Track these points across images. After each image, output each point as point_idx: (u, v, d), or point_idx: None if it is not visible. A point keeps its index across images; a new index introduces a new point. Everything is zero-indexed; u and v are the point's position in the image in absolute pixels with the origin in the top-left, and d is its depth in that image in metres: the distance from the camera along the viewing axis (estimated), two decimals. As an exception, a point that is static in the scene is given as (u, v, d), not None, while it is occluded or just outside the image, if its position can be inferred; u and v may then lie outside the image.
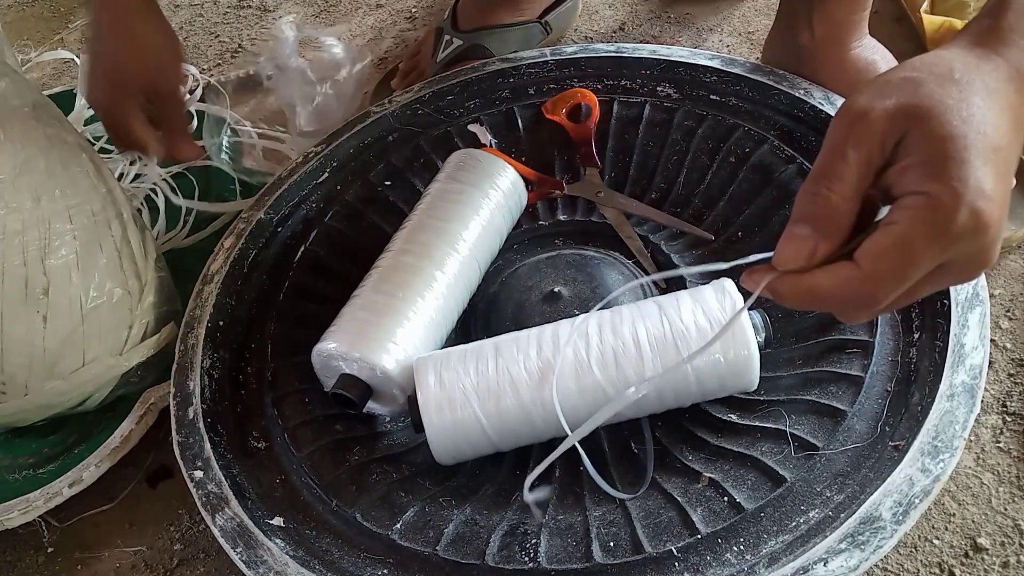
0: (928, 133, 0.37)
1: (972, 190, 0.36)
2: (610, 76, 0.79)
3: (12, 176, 0.61)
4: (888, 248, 0.37)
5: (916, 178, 0.37)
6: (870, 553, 0.48)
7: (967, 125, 0.37)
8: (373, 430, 0.63)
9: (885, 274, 0.37)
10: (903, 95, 0.38)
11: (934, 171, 0.36)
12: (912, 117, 0.37)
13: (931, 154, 0.37)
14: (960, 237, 0.36)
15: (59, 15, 1.22)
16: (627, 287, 0.65)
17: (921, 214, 0.36)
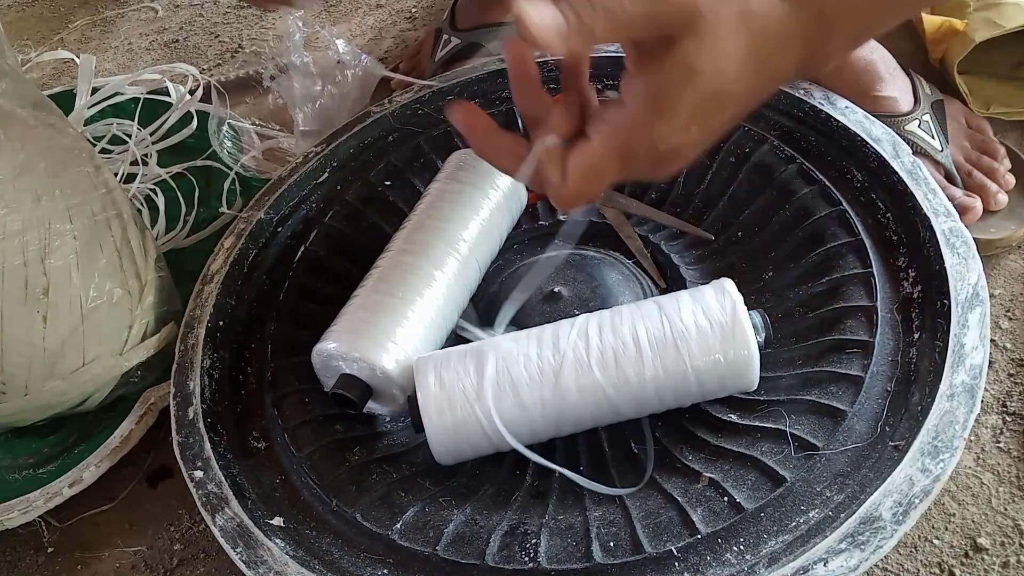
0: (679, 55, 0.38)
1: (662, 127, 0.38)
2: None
3: (12, 176, 0.61)
4: (582, 167, 0.41)
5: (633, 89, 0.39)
6: (870, 553, 0.48)
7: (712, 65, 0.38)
8: (373, 430, 0.63)
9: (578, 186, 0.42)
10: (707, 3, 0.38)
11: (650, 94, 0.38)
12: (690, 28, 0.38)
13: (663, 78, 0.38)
14: (640, 159, 0.40)
15: (59, 15, 1.22)
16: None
17: (610, 134, 0.39)
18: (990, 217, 0.71)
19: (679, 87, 0.38)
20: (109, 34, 1.17)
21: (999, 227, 0.71)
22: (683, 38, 0.38)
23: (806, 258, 0.65)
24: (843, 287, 0.62)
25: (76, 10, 1.22)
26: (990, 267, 0.71)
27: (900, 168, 0.65)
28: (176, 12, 1.17)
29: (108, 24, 1.19)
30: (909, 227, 0.63)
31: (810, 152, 0.70)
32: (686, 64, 0.38)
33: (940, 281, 0.59)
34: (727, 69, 0.39)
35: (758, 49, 0.39)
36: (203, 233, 0.84)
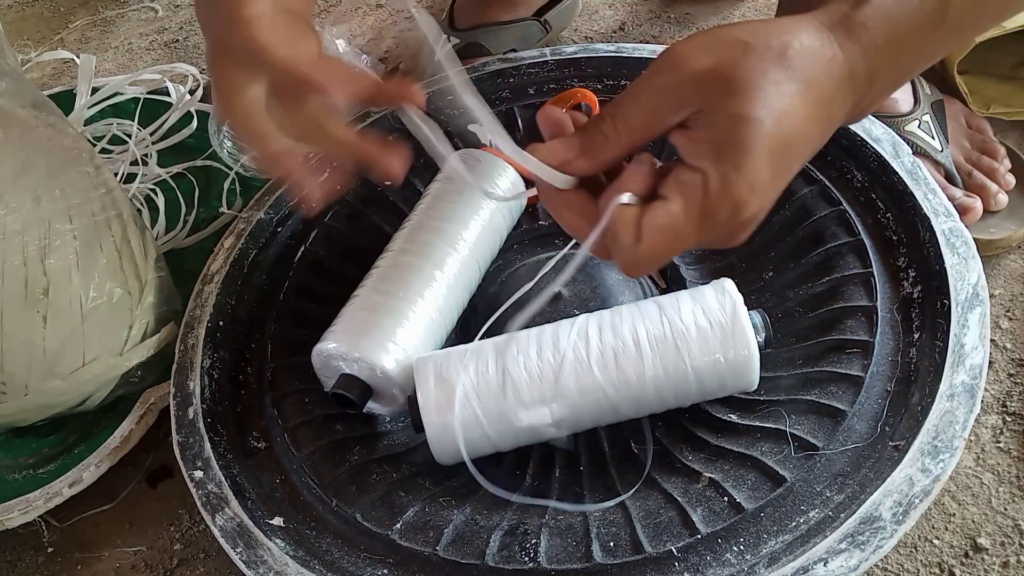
0: (729, 111, 0.37)
1: (743, 183, 0.37)
2: (610, 76, 0.79)
3: (12, 176, 0.61)
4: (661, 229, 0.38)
5: (701, 152, 0.37)
6: (870, 553, 0.48)
7: (770, 112, 0.36)
8: (373, 430, 0.63)
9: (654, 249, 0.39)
10: (724, 59, 0.37)
11: (718, 152, 0.37)
12: (721, 87, 0.37)
13: (723, 133, 0.37)
14: (720, 224, 0.38)
15: (59, 15, 1.22)
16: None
17: (691, 195, 0.37)
18: (990, 217, 0.71)
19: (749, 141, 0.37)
20: (109, 34, 1.17)
21: (999, 227, 0.71)
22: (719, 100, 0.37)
23: (806, 258, 0.65)
24: (843, 287, 0.62)
25: (76, 10, 1.22)
26: (990, 267, 0.71)
27: (900, 168, 0.65)
28: (176, 12, 1.17)
29: (108, 24, 1.19)
30: (909, 227, 0.63)
31: (810, 152, 0.70)
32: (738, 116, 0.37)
33: (940, 281, 0.59)
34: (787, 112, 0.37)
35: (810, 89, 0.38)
36: (203, 233, 0.84)
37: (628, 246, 0.39)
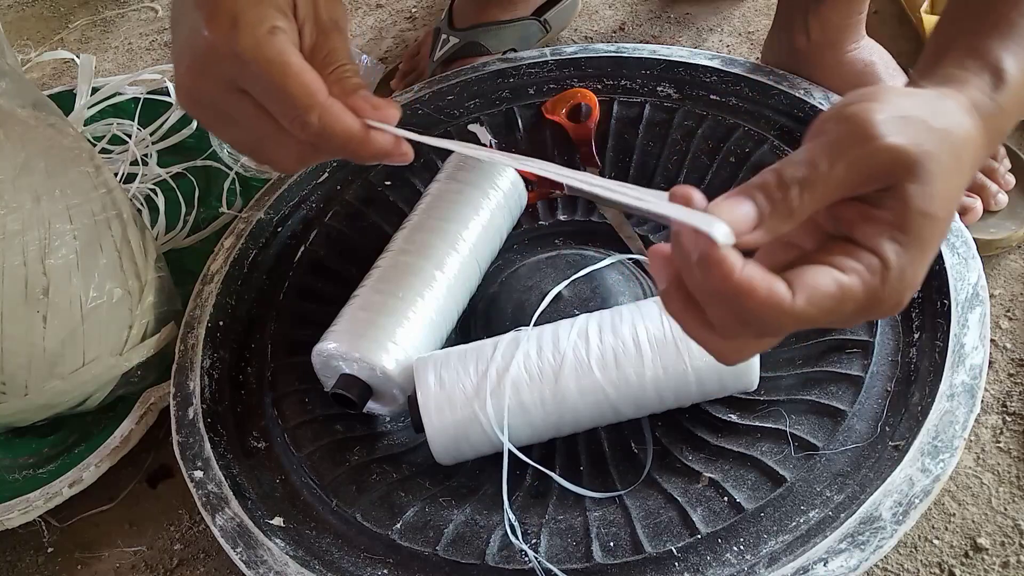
0: (914, 201, 0.35)
1: (912, 280, 0.36)
2: (610, 76, 0.79)
3: (12, 176, 0.61)
4: (828, 295, 0.35)
5: (883, 238, 0.36)
6: (870, 553, 0.48)
7: (945, 206, 0.36)
8: (373, 430, 0.63)
9: (813, 312, 0.35)
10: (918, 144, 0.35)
11: (902, 244, 0.36)
12: (912, 174, 0.35)
13: (908, 225, 0.35)
14: (882, 312, 0.37)
15: (59, 15, 1.22)
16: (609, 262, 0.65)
17: (870, 280, 0.35)
18: (990, 217, 0.71)
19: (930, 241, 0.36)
20: (109, 34, 1.17)
21: (999, 227, 0.71)
22: (905, 183, 0.35)
23: (806, 258, 0.65)
24: (843, 287, 0.62)
25: (76, 10, 1.22)
26: (990, 267, 0.71)
27: (900, 168, 0.65)
28: (176, 12, 1.17)
29: (108, 24, 1.19)
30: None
31: (810, 152, 0.70)
32: (923, 212, 0.35)
33: (940, 281, 0.59)
34: (952, 202, 0.37)
35: (966, 175, 0.38)
36: (203, 233, 0.84)
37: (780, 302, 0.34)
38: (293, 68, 0.43)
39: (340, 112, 0.44)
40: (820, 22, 0.75)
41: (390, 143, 0.47)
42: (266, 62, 0.42)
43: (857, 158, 0.35)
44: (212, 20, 0.43)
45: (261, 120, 0.44)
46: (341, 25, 0.47)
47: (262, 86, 0.43)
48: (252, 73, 0.43)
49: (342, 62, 0.46)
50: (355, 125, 0.45)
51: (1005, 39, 0.40)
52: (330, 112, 0.44)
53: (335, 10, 0.46)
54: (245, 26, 0.42)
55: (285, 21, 0.44)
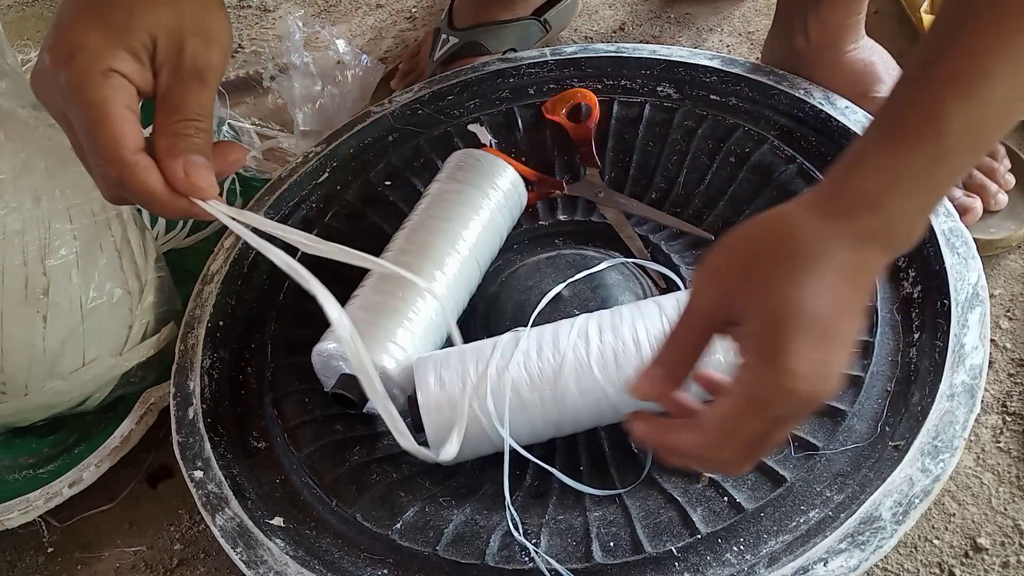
0: (758, 311, 0.40)
1: (782, 371, 0.39)
2: (610, 76, 0.79)
3: (12, 176, 0.61)
4: (719, 417, 0.41)
5: (748, 348, 0.41)
6: (870, 553, 0.48)
7: (792, 304, 0.39)
8: (373, 430, 0.63)
9: (722, 437, 0.41)
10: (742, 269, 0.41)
11: (758, 348, 0.40)
12: (748, 293, 0.41)
13: (759, 331, 0.40)
14: (774, 407, 0.40)
15: (59, 15, 1.22)
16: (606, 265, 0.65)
17: (743, 389, 0.40)
18: (990, 217, 0.71)
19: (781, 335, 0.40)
20: (109, 34, 1.17)
21: (999, 227, 0.71)
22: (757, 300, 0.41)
23: (806, 258, 0.65)
24: (843, 287, 0.62)
25: (76, 10, 1.22)
26: (990, 267, 0.71)
27: (900, 168, 0.65)
28: (176, 12, 1.17)
29: (108, 24, 1.19)
30: (909, 227, 0.63)
31: (810, 152, 0.70)
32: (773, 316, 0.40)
33: (940, 281, 0.59)
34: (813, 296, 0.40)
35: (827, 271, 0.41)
36: (203, 233, 0.84)
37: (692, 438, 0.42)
38: (109, 117, 0.43)
39: (144, 171, 0.44)
40: (819, 23, 0.75)
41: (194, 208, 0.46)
42: (85, 104, 0.43)
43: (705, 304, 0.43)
44: (55, 49, 0.43)
45: (78, 150, 0.45)
46: (207, 77, 0.45)
47: (78, 124, 0.44)
48: (72, 109, 0.43)
49: (187, 116, 0.45)
50: (157, 186, 0.44)
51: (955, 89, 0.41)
52: (132, 170, 0.43)
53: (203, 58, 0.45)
54: (79, 63, 0.42)
55: (131, 63, 0.44)
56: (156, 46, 0.44)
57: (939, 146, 0.40)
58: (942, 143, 0.40)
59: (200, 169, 0.45)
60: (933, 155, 0.41)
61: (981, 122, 0.41)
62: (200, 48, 0.45)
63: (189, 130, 0.45)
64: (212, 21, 0.46)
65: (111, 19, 0.43)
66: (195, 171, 0.45)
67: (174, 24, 0.44)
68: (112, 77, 0.43)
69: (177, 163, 0.44)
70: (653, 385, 0.44)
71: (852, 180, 0.41)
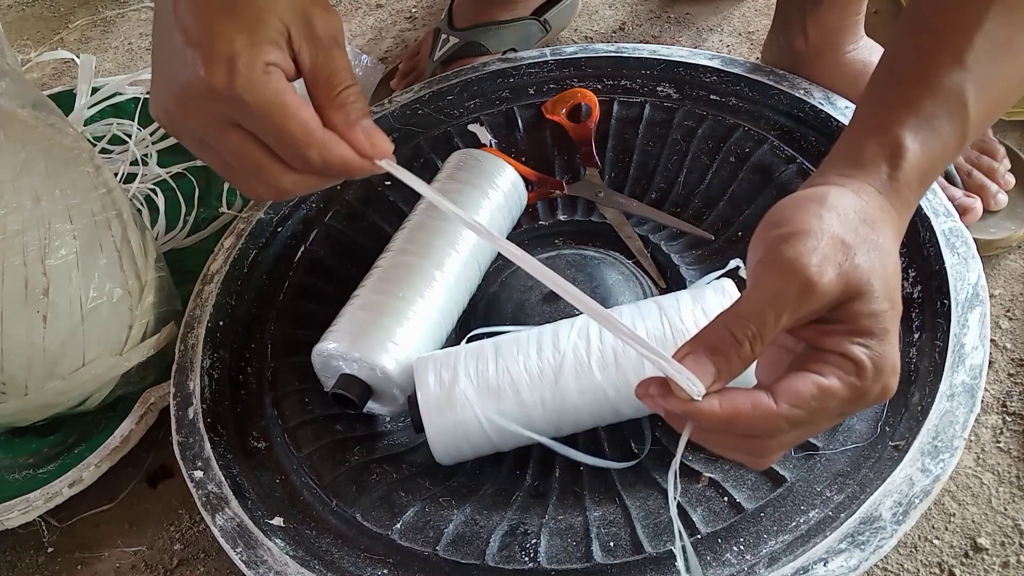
0: (861, 308, 0.40)
1: (889, 367, 0.40)
2: (610, 76, 0.79)
3: (12, 176, 0.61)
4: (810, 395, 0.39)
5: (848, 343, 0.40)
6: (870, 553, 0.48)
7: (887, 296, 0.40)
8: (373, 430, 0.63)
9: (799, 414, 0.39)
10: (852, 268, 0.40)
11: (865, 344, 0.40)
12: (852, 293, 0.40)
13: (862, 327, 0.40)
14: (869, 403, 0.40)
15: (59, 15, 1.22)
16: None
17: (847, 378, 0.39)
18: (990, 217, 0.71)
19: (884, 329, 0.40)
20: (109, 34, 1.17)
21: (999, 227, 0.71)
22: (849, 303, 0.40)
23: (806, 258, 0.65)
24: (843, 287, 0.62)
25: (76, 10, 1.22)
26: (990, 267, 0.71)
27: (900, 168, 0.65)
28: (176, 12, 1.17)
29: (108, 24, 1.19)
30: (909, 227, 0.63)
31: (810, 152, 0.70)
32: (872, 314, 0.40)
33: (940, 281, 0.59)
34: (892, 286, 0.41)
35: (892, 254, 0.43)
36: (203, 233, 0.84)
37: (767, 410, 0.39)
38: (291, 108, 0.44)
39: (337, 145, 0.46)
40: (818, 24, 0.75)
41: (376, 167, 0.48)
42: (266, 103, 0.44)
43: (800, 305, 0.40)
44: (209, 63, 0.43)
45: (254, 151, 0.46)
46: (339, 40, 0.47)
47: (261, 125, 0.44)
48: (251, 114, 0.44)
49: (345, 84, 0.47)
50: (351, 155, 0.47)
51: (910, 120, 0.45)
52: (329, 147, 0.45)
53: (331, 25, 0.47)
54: (242, 68, 0.43)
55: (279, 53, 0.45)
56: (290, 29, 0.45)
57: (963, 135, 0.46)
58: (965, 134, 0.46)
59: (376, 133, 0.48)
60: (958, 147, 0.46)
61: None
62: (324, 16, 0.46)
63: (352, 98, 0.47)
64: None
65: (244, 18, 0.44)
66: (374, 136, 0.47)
67: (295, 4, 0.46)
68: (272, 71, 0.44)
69: (357, 132, 0.47)
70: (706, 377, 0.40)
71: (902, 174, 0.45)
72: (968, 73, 0.45)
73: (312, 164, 0.45)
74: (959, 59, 0.45)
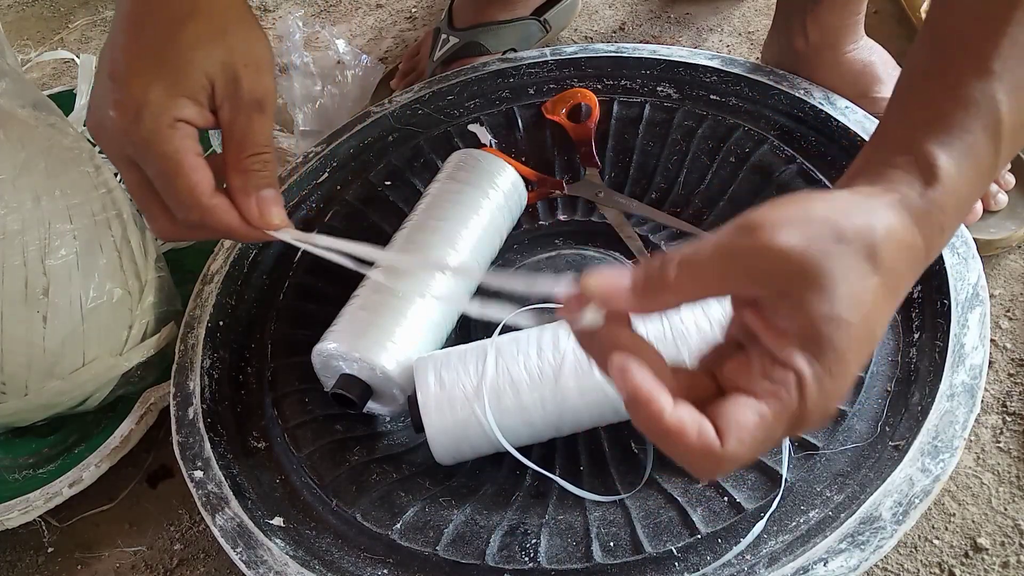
0: (821, 310, 0.34)
1: (834, 390, 0.35)
2: (610, 76, 0.79)
3: (12, 176, 0.61)
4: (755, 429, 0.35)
5: (795, 351, 0.35)
6: (870, 553, 0.48)
7: (859, 312, 0.34)
8: (373, 430, 0.63)
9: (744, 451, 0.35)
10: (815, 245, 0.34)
11: (812, 353, 0.34)
12: (808, 281, 0.34)
13: (815, 332, 0.34)
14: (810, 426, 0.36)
15: (59, 15, 1.22)
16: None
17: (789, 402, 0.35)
18: (990, 217, 0.71)
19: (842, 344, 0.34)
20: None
21: (999, 227, 0.71)
22: (803, 292, 0.34)
23: (806, 258, 0.65)
24: (843, 287, 0.62)
25: (76, 10, 1.22)
26: (990, 267, 0.71)
27: (900, 168, 0.65)
28: (176, 12, 1.17)
29: (108, 24, 1.19)
30: (909, 227, 0.63)
31: (810, 152, 0.70)
32: (828, 318, 0.34)
33: (940, 281, 0.59)
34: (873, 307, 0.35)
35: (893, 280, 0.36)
36: (203, 233, 0.84)
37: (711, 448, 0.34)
38: (184, 168, 0.45)
39: (222, 212, 0.47)
40: (817, 24, 0.75)
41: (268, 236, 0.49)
42: (161, 157, 0.45)
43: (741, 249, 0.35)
44: (119, 105, 0.44)
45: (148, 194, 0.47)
46: (264, 105, 0.47)
47: (154, 174, 0.46)
48: (147, 161, 0.45)
49: (256, 150, 0.47)
50: (234, 223, 0.48)
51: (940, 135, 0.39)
52: (212, 213, 0.47)
53: (259, 87, 0.47)
54: (147, 117, 0.44)
55: (193, 108, 0.46)
56: (214, 85, 0.46)
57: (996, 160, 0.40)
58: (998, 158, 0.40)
59: (271, 204, 0.48)
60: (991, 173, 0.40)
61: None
62: (254, 78, 0.47)
63: (256, 165, 0.47)
64: (258, 48, 0.48)
65: (168, 66, 0.45)
66: (267, 207, 0.48)
67: (227, 59, 0.46)
68: (179, 128, 0.45)
69: (250, 200, 0.47)
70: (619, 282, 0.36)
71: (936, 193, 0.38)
72: (998, 82, 0.40)
73: (192, 221, 0.46)
74: (986, 66, 0.40)
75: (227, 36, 0.46)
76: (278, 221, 0.49)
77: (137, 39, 0.45)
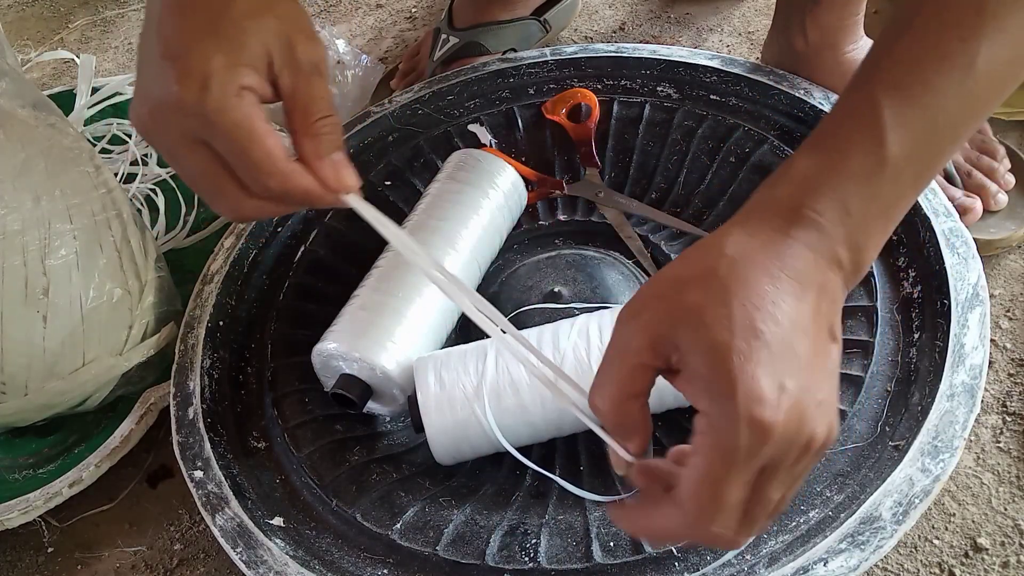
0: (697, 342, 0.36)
1: (744, 400, 0.34)
2: (610, 76, 0.79)
3: (12, 176, 0.61)
4: (695, 483, 0.36)
5: (698, 394, 0.36)
6: (870, 553, 0.48)
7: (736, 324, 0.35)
8: (373, 430, 0.63)
9: (706, 507, 0.36)
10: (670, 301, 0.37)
11: (708, 389, 0.35)
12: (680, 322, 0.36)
13: (703, 364, 0.35)
14: (754, 453, 0.35)
15: (59, 15, 1.22)
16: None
17: (710, 441, 0.35)
18: (990, 217, 0.71)
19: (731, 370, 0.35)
20: (109, 34, 1.17)
21: (999, 227, 0.71)
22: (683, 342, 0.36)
23: (806, 258, 0.65)
24: (843, 287, 0.62)
25: (76, 10, 1.22)
26: (990, 267, 0.71)
27: (900, 168, 0.65)
28: (176, 12, 1.17)
29: (108, 24, 1.19)
30: (909, 227, 0.63)
31: (810, 152, 0.70)
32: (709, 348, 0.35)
33: (940, 281, 0.59)
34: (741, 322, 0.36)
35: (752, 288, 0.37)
36: (203, 233, 0.84)
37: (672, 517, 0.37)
38: (257, 134, 0.44)
39: (300, 176, 0.46)
40: (817, 24, 0.75)
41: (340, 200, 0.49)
42: (233, 126, 0.44)
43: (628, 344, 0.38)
44: (183, 79, 0.43)
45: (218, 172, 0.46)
46: (321, 69, 0.47)
47: (226, 147, 0.44)
48: (218, 133, 0.44)
49: (321, 113, 0.47)
50: (313, 186, 0.47)
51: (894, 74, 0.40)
52: (291, 178, 0.46)
53: (314, 52, 0.47)
54: (214, 88, 0.43)
55: (255, 77, 0.45)
56: (271, 54, 0.45)
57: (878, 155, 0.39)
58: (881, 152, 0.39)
59: (344, 167, 0.48)
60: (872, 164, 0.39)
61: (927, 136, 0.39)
62: (308, 43, 0.46)
63: (326, 128, 0.47)
64: (304, 16, 0.48)
65: (226, 38, 0.44)
66: (342, 170, 0.48)
67: (280, 28, 0.45)
68: (246, 95, 0.44)
69: (325, 164, 0.47)
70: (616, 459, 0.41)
71: (776, 190, 0.40)
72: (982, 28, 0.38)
73: (271, 192, 0.45)
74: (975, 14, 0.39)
75: (275, 6, 0.46)
76: (352, 182, 0.48)
77: (187, 17, 0.44)
